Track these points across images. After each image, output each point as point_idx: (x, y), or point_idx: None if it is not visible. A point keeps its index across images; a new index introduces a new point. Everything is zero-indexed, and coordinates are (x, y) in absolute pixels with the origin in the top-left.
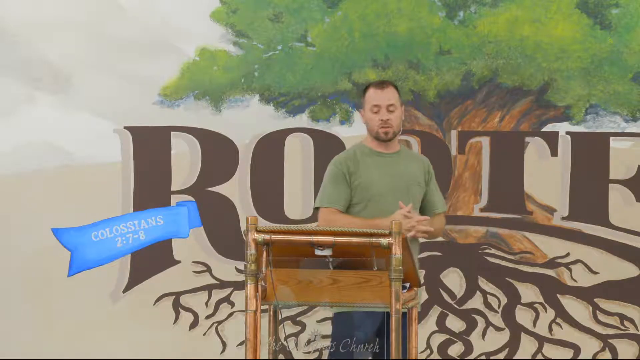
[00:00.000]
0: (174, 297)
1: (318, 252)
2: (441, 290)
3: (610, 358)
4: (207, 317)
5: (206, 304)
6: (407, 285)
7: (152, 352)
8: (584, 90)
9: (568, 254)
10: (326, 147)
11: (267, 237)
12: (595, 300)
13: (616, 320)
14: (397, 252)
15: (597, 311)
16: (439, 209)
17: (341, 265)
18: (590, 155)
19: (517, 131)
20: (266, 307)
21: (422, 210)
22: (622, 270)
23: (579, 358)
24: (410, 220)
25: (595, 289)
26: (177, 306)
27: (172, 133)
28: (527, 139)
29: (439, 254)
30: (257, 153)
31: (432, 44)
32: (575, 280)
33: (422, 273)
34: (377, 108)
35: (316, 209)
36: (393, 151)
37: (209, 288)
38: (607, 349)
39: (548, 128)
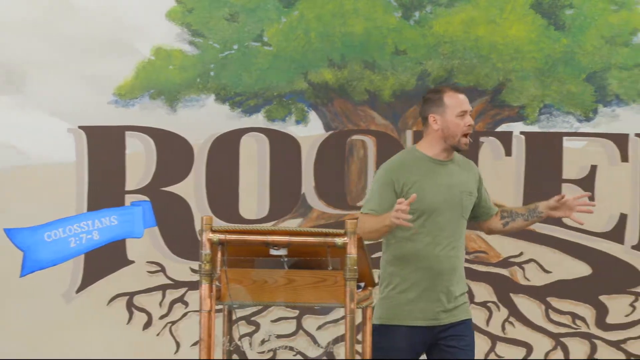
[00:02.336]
0: (128, 297)
1: (273, 251)
2: None
3: (562, 356)
4: (161, 317)
5: (160, 304)
6: (362, 284)
7: (106, 352)
8: (538, 91)
9: (521, 254)
10: (282, 147)
11: (222, 237)
12: (548, 299)
13: (568, 319)
14: (352, 251)
15: (550, 310)
16: (493, 210)
17: (296, 265)
18: (544, 155)
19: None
20: (220, 307)
21: (479, 217)
22: (575, 269)
23: (530, 357)
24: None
25: (548, 288)
26: (130, 306)
27: (127, 133)
28: (482, 139)
29: None
30: (212, 153)
31: (388, 44)
32: (528, 280)
33: (376, 272)
34: (463, 113)
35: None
36: (450, 159)
37: (163, 288)
38: (559, 347)
39: (502, 128)
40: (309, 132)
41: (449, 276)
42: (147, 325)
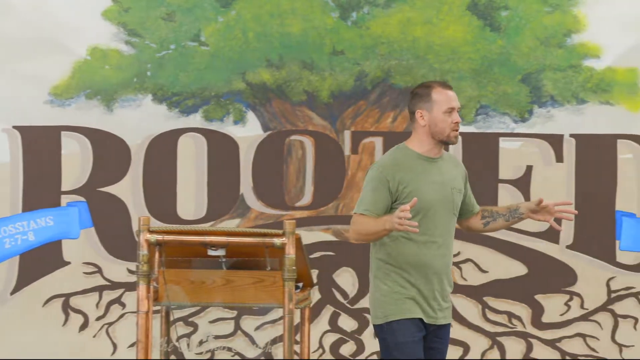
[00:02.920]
0: (64, 298)
1: (211, 252)
2: (334, 290)
3: (499, 356)
4: (98, 318)
5: (97, 305)
6: (300, 285)
7: (42, 354)
8: (475, 91)
9: (459, 253)
10: (220, 147)
11: (159, 237)
12: (485, 298)
13: (504, 318)
14: (290, 252)
15: (486, 309)
16: (476, 208)
17: (235, 265)
18: (480, 155)
19: (409, 131)
20: (158, 308)
21: (462, 215)
22: (511, 269)
23: (467, 357)
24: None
25: (485, 287)
26: (66, 308)
27: (63, 133)
28: None
29: (332, 253)
30: (149, 153)
31: (326, 44)
32: (465, 279)
33: (315, 273)
34: (451, 110)
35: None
36: (440, 155)
37: (99, 289)
38: (495, 346)
39: None
40: (247, 132)
41: (443, 274)
42: (84, 326)
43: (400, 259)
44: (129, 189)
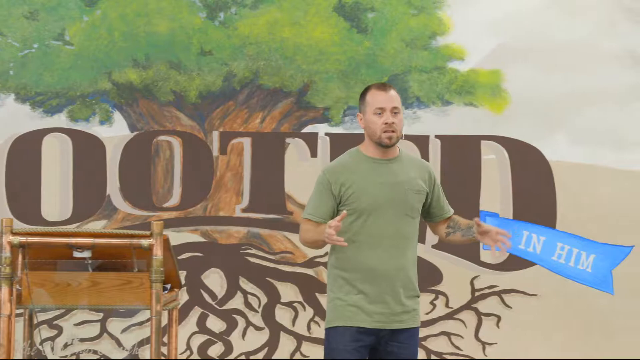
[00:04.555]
0: None
1: (77, 254)
2: (202, 291)
3: None
4: None
5: None
6: (168, 286)
7: None
8: (342, 92)
9: (327, 254)
10: (85, 148)
11: (22, 239)
12: None
13: None
14: (158, 253)
15: None
16: (446, 213)
17: (101, 267)
18: None
19: (277, 132)
20: (21, 311)
21: (433, 217)
22: None
23: None
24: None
25: None
26: None
27: None
28: (288, 140)
29: (201, 254)
30: (12, 153)
31: (193, 44)
32: None
33: (183, 274)
34: (381, 110)
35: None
36: (391, 157)
37: None
38: None
39: (308, 129)
40: (114, 132)
41: (395, 278)
42: None
43: (347, 264)
44: None
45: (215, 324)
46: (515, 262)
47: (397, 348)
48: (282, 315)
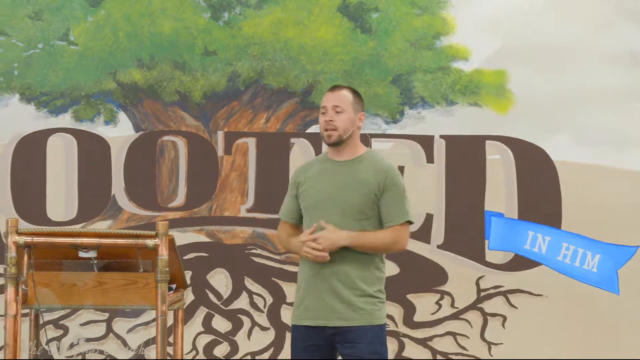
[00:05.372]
0: None
1: (82, 254)
2: (207, 291)
3: None
4: None
5: None
6: (174, 286)
7: None
8: None
9: None
10: (90, 148)
11: (28, 239)
12: None
13: None
14: (163, 253)
15: None
16: (390, 222)
17: (107, 267)
18: None
19: (282, 132)
20: (27, 311)
21: (381, 224)
22: None
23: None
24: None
25: None
26: None
27: None
28: (293, 140)
29: (206, 254)
30: (17, 153)
31: (198, 44)
32: None
33: (188, 274)
34: (324, 110)
35: None
36: (348, 159)
37: None
38: None
39: (313, 129)
40: (119, 132)
41: (334, 277)
42: None
43: (300, 260)
44: None
45: (221, 324)
46: (520, 263)
47: (349, 349)
48: (288, 315)
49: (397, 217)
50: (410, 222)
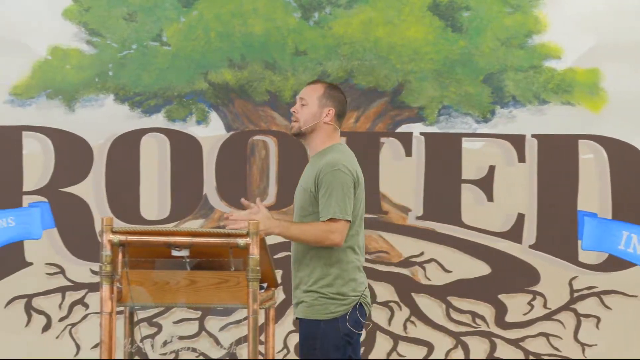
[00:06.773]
0: (26, 299)
1: (175, 252)
2: None
3: (463, 355)
4: (61, 319)
5: (60, 306)
6: (265, 285)
7: (4, 355)
8: (437, 92)
9: (422, 253)
10: (183, 147)
11: (122, 238)
12: (448, 298)
13: (468, 318)
14: (254, 252)
15: (450, 309)
16: (320, 217)
17: (198, 265)
18: (443, 156)
19: (372, 132)
20: (122, 308)
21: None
22: (474, 268)
23: (431, 356)
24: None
25: (448, 287)
26: (29, 309)
27: (24, 133)
28: (382, 140)
29: None
30: (112, 153)
31: (288, 44)
32: (429, 279)
33: (279, 273)
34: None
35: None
36: (312, 154)
37: (62, 290)
38: (459, 346)
39: (402, 129)
40: (210, 132)
41: (294, 268)
42: (47, 327)
43: None
44: (91, 189)
45: None
46: (614, 263)
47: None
48: (378, 315)
49: (322, 213)
50: (338, 219)
